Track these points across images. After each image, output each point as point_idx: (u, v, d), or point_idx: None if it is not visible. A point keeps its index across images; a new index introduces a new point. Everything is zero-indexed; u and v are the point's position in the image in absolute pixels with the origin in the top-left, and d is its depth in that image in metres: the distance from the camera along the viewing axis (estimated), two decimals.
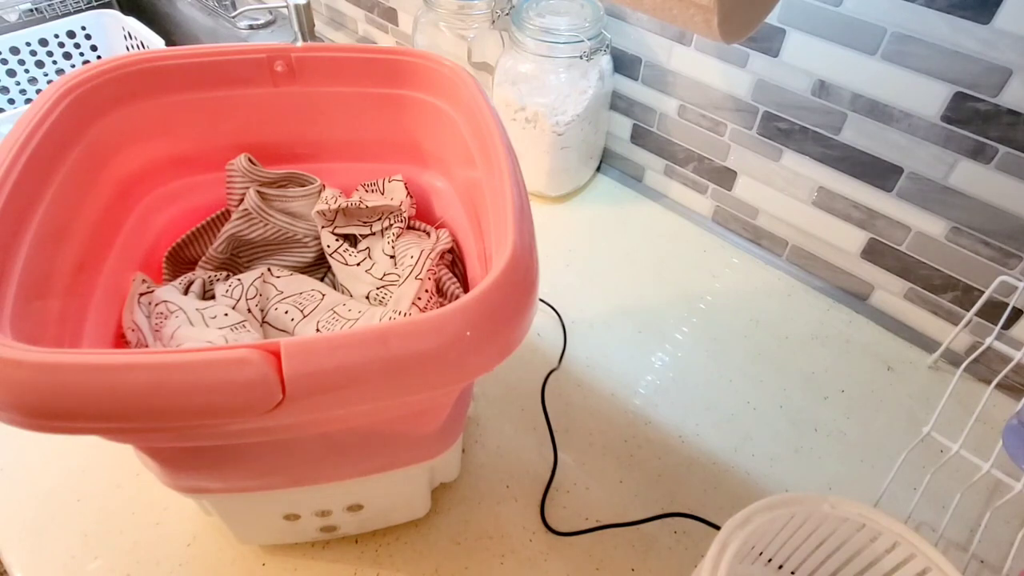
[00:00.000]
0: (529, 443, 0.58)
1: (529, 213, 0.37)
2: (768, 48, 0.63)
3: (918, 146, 0.58)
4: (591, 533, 0.52)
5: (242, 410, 0.29)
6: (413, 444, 0.42)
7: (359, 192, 0.55)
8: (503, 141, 0.41)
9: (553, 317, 0.68)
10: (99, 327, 0.43)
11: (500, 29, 0.79)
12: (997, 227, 0.57)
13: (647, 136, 0.80)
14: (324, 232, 0.55)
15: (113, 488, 0.54)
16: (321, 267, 0.58)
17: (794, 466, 0.57)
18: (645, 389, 0.62)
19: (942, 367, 0.65)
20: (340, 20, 1.14)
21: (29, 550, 0.50)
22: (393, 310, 0.50)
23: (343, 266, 0.55)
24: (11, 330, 0.32)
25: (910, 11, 0.53)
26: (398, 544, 0.51)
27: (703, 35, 0.43)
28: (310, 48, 0.49)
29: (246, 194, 0.53)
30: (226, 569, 0.49)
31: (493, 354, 0.32)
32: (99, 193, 0.45)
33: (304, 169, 0.55)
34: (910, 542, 0.40)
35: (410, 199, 0.54)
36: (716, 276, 0.74)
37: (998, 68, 0.51)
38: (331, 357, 0.29)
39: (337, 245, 0.55)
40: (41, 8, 1.21)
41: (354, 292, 0.55)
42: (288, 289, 0.54)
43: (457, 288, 0.51)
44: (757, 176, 0.72)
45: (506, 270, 0.32)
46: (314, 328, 0.51)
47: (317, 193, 0.55)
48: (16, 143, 0.38)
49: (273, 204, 0.55)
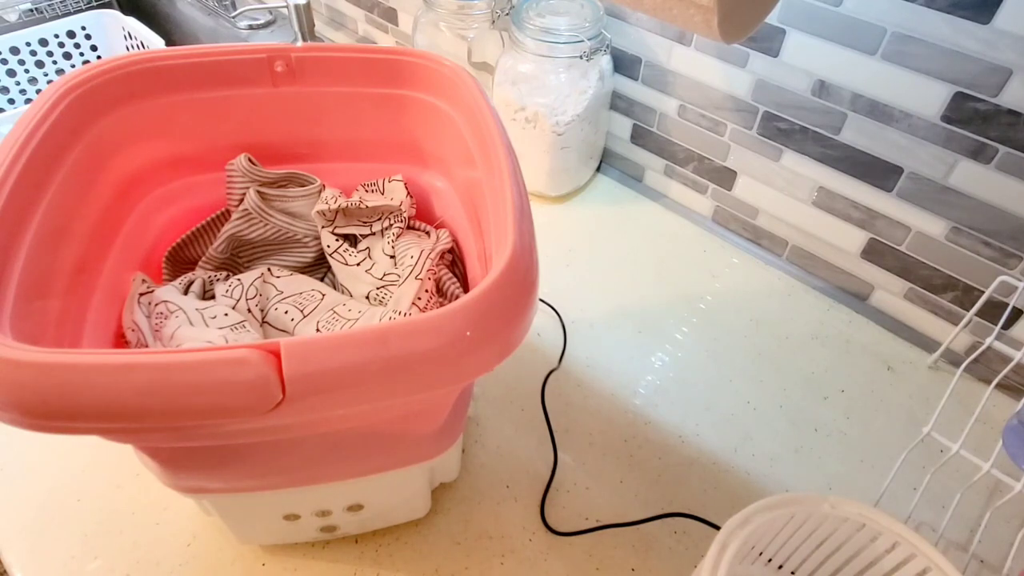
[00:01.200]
0: (529, 443, 0.58)
1: (529, 213, 0.37)
2: (768, 48, 0.63)
3: (918, 146, 0.58)
4: (591, 533, 0.52)
5: (242, 410, 0.29)
6: (413, 444, 0.42)
7: (359, 192, 0.55)
8: (503, 141, 0.41)
9: (553, 317, 0.68)
10: (99, 327, 0.43)
11: (500, 29, 0.79)
12: (997, 227, 0.57)
13: (647, 136, 0.80)
14: (324, 232, 0.55)
15: (113, 488, 0.54)
16: (321, 267, 0.58)
17: (794, 466, 0.57)
18: (645, 389, 0.62)
19: (942, 367, 0.65)
20: (340, 20, 1.14)
21: (29, 550, 0.50)
22: (393, 310, 0.50)
23: (343, 266, 0.55)
24: (11, 330, 0.32)
25: (910, 11, 0.53)
26: (398, 544, 0.51)
27: (703, 35, 0.43)
28: (310, 48, 0.49)
29: (246, 194, 0.53)
30: (226, 569, 0.49)
31: (493, 354, 0.32)
32: (99, 193, 0.45)
33: (304, 169, 0.55)
34: (910, 542, 0.40)
35: (410, 199, 0.54)
36: (716, 276, 0.74)
37: (998, 68, 0.51)
38: (331, 357, 0.29)
39: (337, 245, 0.55)
40: (41, 8, 1.21)
41: (354, 292, 0.55)
42: (288, 289, 0.54)
43: (457, 288, 0.51)
44: (757, 176, 0.72)
45: (506, 270, 0.32)
46: (314, 328, 0.51)
47: (317, 193, 0.55)
48: (16, 143, 0.38)
49: (273, 204, 0.55)
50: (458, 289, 0.51)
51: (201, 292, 0.52)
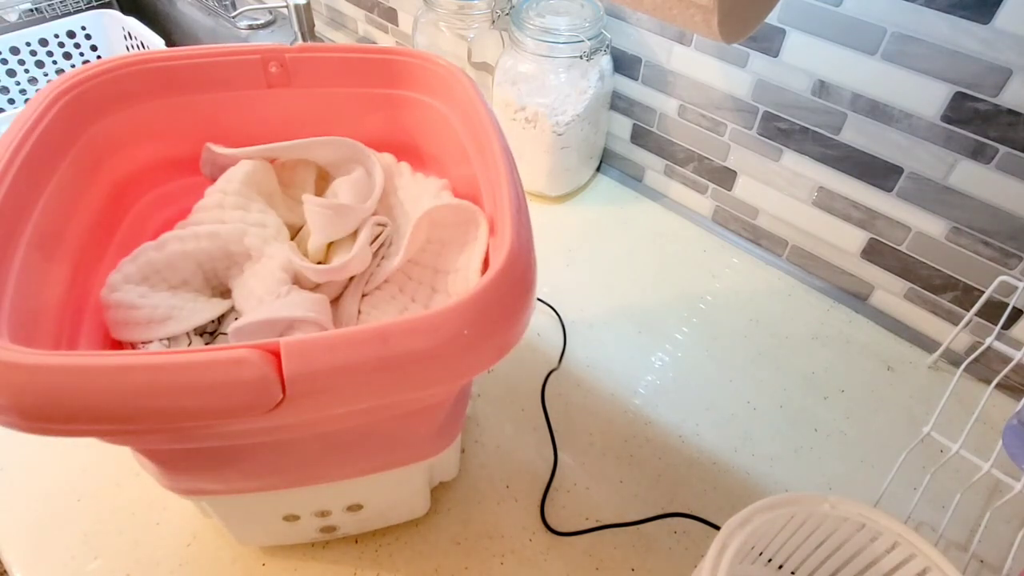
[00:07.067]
0: (529, 443, 0.58)
1: (526, 212, 0.37)
2: (768, 48, 0.63)
3: (918, 146, 0.58)
4: (591, 533, 0.52)
5: (242, 410, 0.29)
6: (412, 443, 0.42)
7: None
8: (499, 140, 0.41)
9: (553, 317, 0.68)
10: (95, 329, 0.43)
11: (500, 29, 0.79)
12: (997, 227, 0.57)
13: (647, 136, 0.80)
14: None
15: (113, 488, 0.54)
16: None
17: (794, 466, 0.57)
18: (645, 389, 0.62)
19: (942, 367, 0.65)
20: (340, 20, 1.14)
21: (29, 550, 0.50)
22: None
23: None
24: (7, 332, 0.32)
25: (910, 11, 0.53)
26: (398, 544, 0.51)
27: (703, 35, 0.43)
28: (304, 49, 0.49)
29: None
30: (226, 569, 0.49)
31: (491, 352, 0.32)
32: (95, 195, 0.45)
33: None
34: (910, 542, 0.40)
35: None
36: (716, 276, 0.73)
37: (998, 68, 0.51)
38: (331, 356, 0.29)
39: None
40: (41, 8, 1.21)
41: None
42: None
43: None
44: (757, 176, 0.72)
45: (503, 269, 0.32)
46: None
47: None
48: (11, 145, 0.38)
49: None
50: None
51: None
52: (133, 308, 0.43)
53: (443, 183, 0.50)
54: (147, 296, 0.45)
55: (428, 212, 0.45)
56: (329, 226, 0.48)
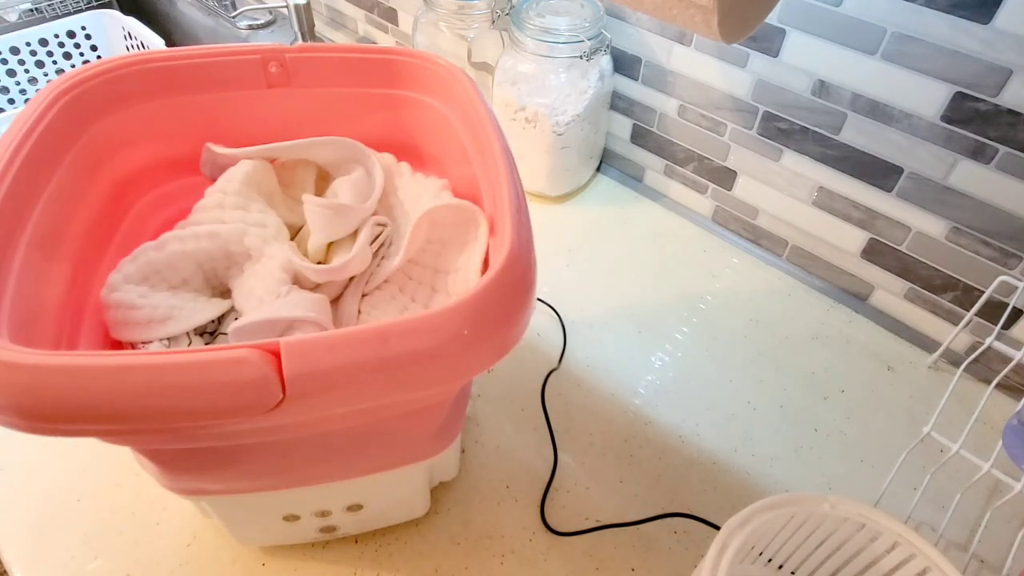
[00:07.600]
0: (529, 443, 0.58)
1: (526, 212, 0.37)
2: (768, 48, 0.63)
3: (918, 146, 0.58)
4: (591, 533, 0.52)
5: (242, 410, 0.29)
6: (412, 443, 0.42)
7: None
8: (499, 140, 0.41)
9: (553, 317, 0.68)
10: (95, 329, 0.43)
11: (500, 29, 0.79)
12: (997, 227, 0.57)
13: (647, 136, 0.80)
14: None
15: (113, 488, 0.54)
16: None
17: (794, 466, 0.57)
18: (645, 389, 0.62)
19: (942, 367, 0.65)
20: (340, 20, 1.14)
21: (29, 550, 0.50)
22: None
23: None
24: (7, 332, 0.32)
25: (910, 11, 0.53)
26: (398, 544, 0.51)
27: (703, 35, 0.43)
28: (304, 49, 0.49)
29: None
30: (226, 569, 0.49)
31: (490, 352, 0.32)
32: (94, 195, 0.45)
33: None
34: (910, 542, 0.40)
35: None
36: (716, 276, 0.73)
37: (998, 68, 0.51)
38: (331, 356, 0.29)
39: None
40: (41, 8, 1.21)
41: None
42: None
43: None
44: (757, 176, 0.72)
45: (503, 269, 0.32)
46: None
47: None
48: (11, 146, 0.38)
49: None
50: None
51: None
52: (133, 308, 0.43)
53: (443, 183, 0.50)
54: (147, 296, 0.45)
55: (428, 212, 0.45)
56: (329, 226, 0.48)
